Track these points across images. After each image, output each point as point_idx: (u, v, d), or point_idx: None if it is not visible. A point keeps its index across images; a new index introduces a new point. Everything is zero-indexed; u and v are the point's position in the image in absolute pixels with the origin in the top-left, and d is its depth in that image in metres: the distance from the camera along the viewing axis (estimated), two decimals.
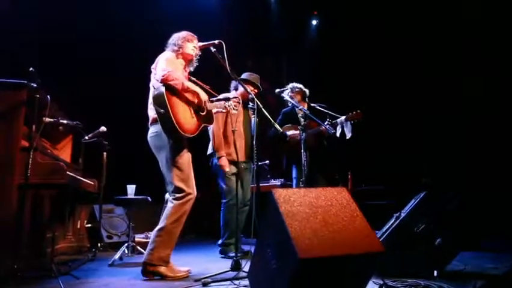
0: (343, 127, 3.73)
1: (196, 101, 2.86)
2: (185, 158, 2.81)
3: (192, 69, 3.07)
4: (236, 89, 3.96)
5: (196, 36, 3.03)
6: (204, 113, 2.92)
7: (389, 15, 6.49)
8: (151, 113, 2.87)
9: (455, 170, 5.55)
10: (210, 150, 3.91)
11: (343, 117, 3.72)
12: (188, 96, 2.82)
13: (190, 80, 3.05)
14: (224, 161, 3.73)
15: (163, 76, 2.64)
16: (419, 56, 6.27)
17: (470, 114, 5.71)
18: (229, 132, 3.76)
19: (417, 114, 6.26)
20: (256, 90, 3.90)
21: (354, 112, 3.69)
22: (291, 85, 4.09)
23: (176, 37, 2.98)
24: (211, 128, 3.73)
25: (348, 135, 3.71)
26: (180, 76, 2.76)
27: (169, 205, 2.76)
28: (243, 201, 3.84)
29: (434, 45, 6.21)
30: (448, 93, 6.04)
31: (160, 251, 2.68)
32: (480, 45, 5.70)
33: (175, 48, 2.94)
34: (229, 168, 3.74)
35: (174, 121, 2.60)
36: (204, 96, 2.88)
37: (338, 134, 3.78)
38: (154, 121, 2.81)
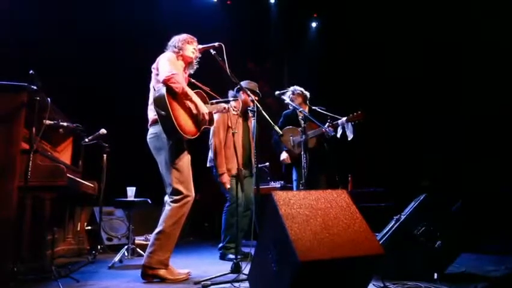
0: (344, 128, 3.73)
1: (195, 112, 2.84)
2: (185, 160, 2.80)
3: (191, 71, 3.07)
4: (235, 97, 3.93)
5: (195, 39, 3.04)
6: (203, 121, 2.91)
7: (389, 16, 6.51)
8: (151, 114, 2.86)
9: (455, 172, 5.55)
10: (209, 163, 3.89)
11: (344, 119, 3.72)
12: (188, 104, 2.80)
13: (190, 82, 3.05)
14: (225, 178, 3.73)
15: (167, 77, 2.64)
16: (419, 57, 6.29)
17: (470, 116, 5.71)
18: (228, 148, 3.75)
19: (417, 116, 6.26)
20: (257, 98, 3.91)
21: (355, 113, 3.68)
22: (292, 88, 4.10)
23: (177, 39, 2.99)
24: (212, 142, 3.74)
25: (350, 137, 3.70)
26: (182, 81, 2.76)
27: (167, 208, 2.75)
28: (246, 206, 3.83)
29: (434, 46, 6.22)
30: (447, 95, 6.04)
31: (159, 254, 2.68)
32: (480, 46, 5.70)
33: (175, 50, 2.95)
34: (230, 186, 3.74)
35: (175, 123, 2.59)
36: (204, 109, 2.85)
37: (338, 136, 3.78)
38: (154, 122, 2.81)
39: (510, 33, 5.39)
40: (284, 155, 4.02)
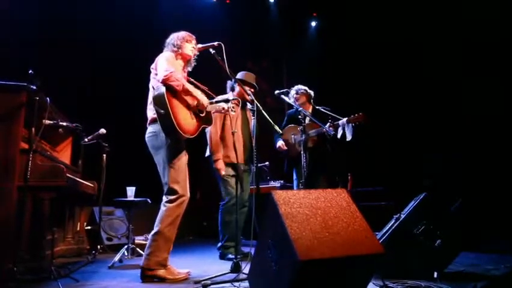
0: (344, 129, 3.73)
1: (195, 103, 2.85)
2: (183, 160, 2.80)
3: (189, 69, 3.06)
4: (233, 89, 3.93)
5: (194, 37, 3.03)
6: (203, 114, 2.92)
7: (388, 16, 6.51)
8: (150, 113, 2.86)
9: (455, 171, 5.55)
10: (208, 153, 3.90)
11: (344, 119, 3.71)
12: (188, 99, 2.81)
13: (188, 81, 3.05)
14: (220, 164, 3.70)
15: (165, 76, 2.63)
16: (419, 57, 6.28)
17: (471, 115, 5.71)
18: (227, 134, 3.74)
19: (417, 115, 6.26)
20: (253, 90, 3.90)
21: (356, 114, 3.68)
22: (296, 87, 4.10)
23: (175, 37, 2.97)
24: (208, 130, 3.72)
25: (349, 138, 3.70)
26: (181, 78, 2.76)
27: (162, 208, 2.74)
28: (241, 203, 3.82)
29: (434, 46, 6.22)
30: (448, 94, 6.04)
31: (157, 255, 2.67)
32: (481, 46, 5.70)
33: (174, 48, 2.93)
34: (225, 171, 3.73)
35: (174, 122, 2.59)
36: (205, 100, 2.87)
37: (338, 136, 3.77)
38: (153, 121, 2.81)
39: (510, 33, 5.39)
40: (280, 142, 4.01)
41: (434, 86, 6.16)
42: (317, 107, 4.05)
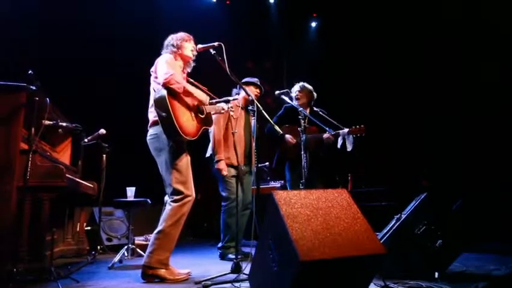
0: (344, 139, 3.69)
1: (196, 103, 2.86)
2: (185, 160, 2.80)
3: (189, 70, 3.06)
4: (238, 94, 3.95)
5: (192, 37, 3.02)
6: (203, 116, 2.92)
7: (389, 16, 6.50)
8: (151, 115, 2.86)
9: (455, 171, 5.55)
10: (208, 153, 3.88)
11: (346, 130, 3.65)
12: (188, 100, 2.81)
13: (188, 81, 3.04)
14: (222, 165, 3.71)
15: (165, 79, 2.64)
16: (420, 57, 6.28)
17: (471, 115, 5.70)
18: (229, 135, 3.74)
19: (417, 115, 6.26)
20: (258, 90, 3.91)
21: (358, 126, 3.62)
22: (301, 84, 4.00)
23: (174, 38, 2.97)
24: (212, 130, 3.72)
25: (349, 148, 3.64)
26: (182, 80, 2.76)
27: (168, 208, 2.74)
28: (244, 205, 3.82)
29: (435, 46, 6.21)
30: (448, 93, 6.04)
31: (159, 254, 2.67)
32: (481, 46, 5.70)
33: (174, 49, 2.93)
34: (227, 172, 3.73)
35: (176, 124, 2.59)
36: (204, 98, 2.88)
37: (338, 146, 3.73)
38: (154, 123, 2.81)
39: (510, 33, 5.39)
40: (288, 136, 3.86)
41: (434, 85, 6.15)
42: (315, 109, 3.96)
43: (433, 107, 6.13)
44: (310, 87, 4.04)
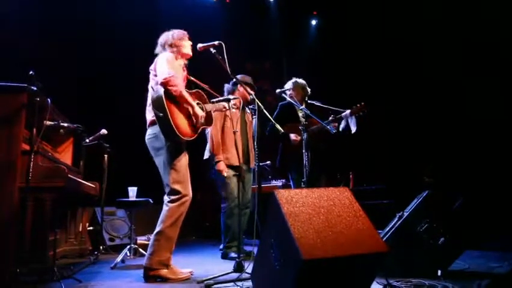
0: (348, 121, 3.67)
1: (191, 114, 2.80)
2: (183, 160, 2.80)
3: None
4: (232, 92, 3.88)
5: (186, 32, 2.99)
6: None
7: (389, 13, 6.49)
8: (149, 115, 2.85)
9: (458, 169, 5.54)
10: (206, 155, 3.85)
11: (348, 111, 3.65)
12: (185, 105, 2.78)
13: (189, 79, 3.03)
14: (222, 166, 3.70)
15: (164, 79, 2.62)
16: (421, 55, 6.26)
17: (474, 113, 5.68)
18: (227, 136, 3.74)
19: (419, 113, 6.24)
20: (253, 91, 3.89)
21: (358, 105, 3.62)
22: (293, 80, 3.96)
23: (171, 37, 2.93)
24: (209, 131, 3.71)
25: (354, 130, 3.62)
26: (180, 83, 2.74)
27: (165, 208, 2.74)
28: (243, 203, 3.81)
29: (436, 44, 6.20)
30: (450, 92, 6.02)
31: (159, 255, 2.67)
32: (482, 46, 5.68)
33: (174, 49, 2.91)
34: (227, 173, 3.72)
35: (173, 124, 2.59)
36: (199, 112, 2.80)
37: (341, 129, 3.71)
38: (152, 123, 2.80)
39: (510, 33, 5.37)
40: (293, 135, 3.81)
41: (435, 84, 6.13)
42: (310, 102, 3.92)
43: (436, 105, 6.12)
44: (302, 82, 3.99)
